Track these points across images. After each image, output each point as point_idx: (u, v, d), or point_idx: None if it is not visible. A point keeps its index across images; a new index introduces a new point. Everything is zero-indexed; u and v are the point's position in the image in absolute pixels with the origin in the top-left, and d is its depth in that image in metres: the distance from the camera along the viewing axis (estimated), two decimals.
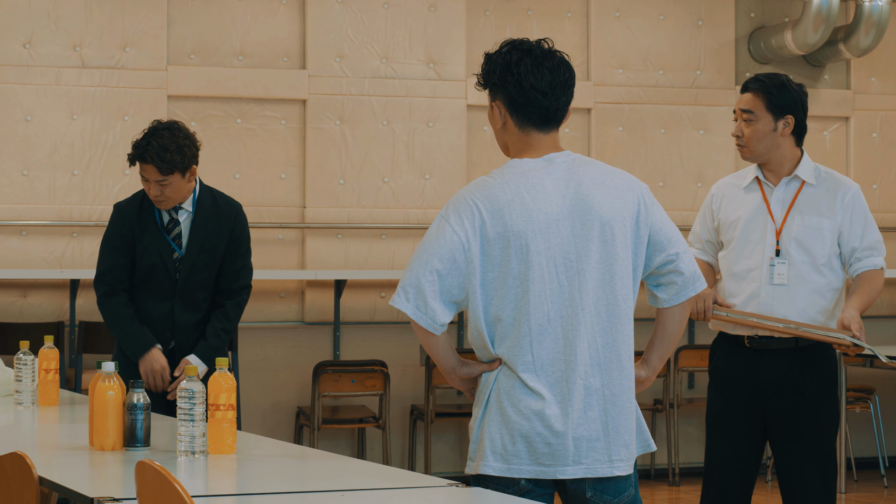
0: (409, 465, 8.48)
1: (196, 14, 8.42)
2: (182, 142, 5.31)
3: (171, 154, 5.27)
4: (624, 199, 3.57)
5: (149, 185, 5.34)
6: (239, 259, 5.54)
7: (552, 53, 3.59)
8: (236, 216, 5.52)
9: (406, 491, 3.40)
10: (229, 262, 5.51)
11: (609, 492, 3.56)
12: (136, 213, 5.47)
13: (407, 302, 3.52)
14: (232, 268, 5.52)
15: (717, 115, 9.25)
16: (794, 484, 4.91)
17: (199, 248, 5.45)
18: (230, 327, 5.52)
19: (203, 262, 5.46)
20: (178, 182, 5.33)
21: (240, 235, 5.53)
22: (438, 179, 8.72)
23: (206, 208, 5.46)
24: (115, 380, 4.00)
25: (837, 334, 4.80)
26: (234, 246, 5.52)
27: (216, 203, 5.49)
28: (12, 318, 8.06)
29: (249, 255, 5.60)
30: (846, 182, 4.96)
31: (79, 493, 3.29)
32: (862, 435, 9.26)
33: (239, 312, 5.56)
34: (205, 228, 5.45)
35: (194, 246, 5.44)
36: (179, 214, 5.44)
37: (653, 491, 8.55)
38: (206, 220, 5.45)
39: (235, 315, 5.54)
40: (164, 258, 5.43)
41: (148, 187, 5.35)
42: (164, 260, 5.43)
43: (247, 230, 5.58)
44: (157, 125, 5.36)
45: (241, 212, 5.56)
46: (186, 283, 5.45)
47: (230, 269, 5.52)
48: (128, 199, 5.57)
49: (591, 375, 3.53)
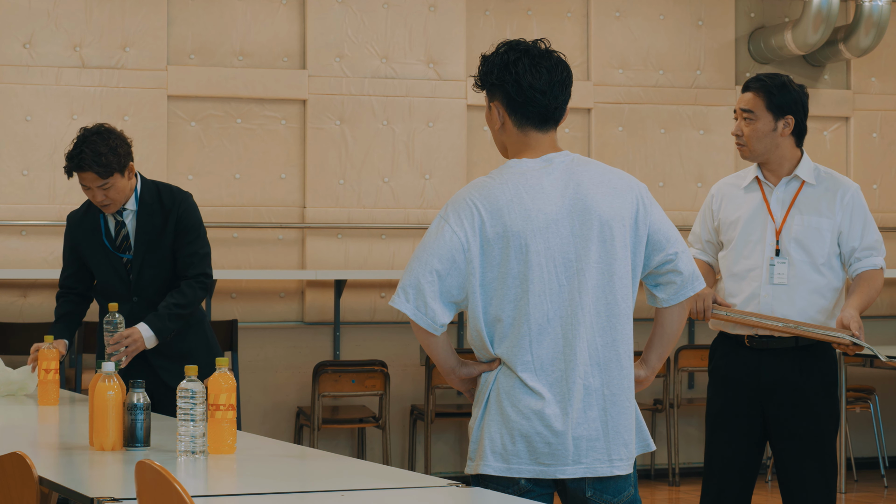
0: (409, 465, 8.49)
1: (196, 14, 8.42)
2: (113, 143, 5.31)
3: (106, 157, 5.27)
4: (623, 198, 3.58)
5: (92, 192, 5.33)
6: (187, 247, 5.46)
7: (549, 53, 3.59)
8: (180, 206, 5.46)
9: (406, 491, 3.41)
10: (179, 252, 5.45)
11: (609, 491, 3.57)
12: (80, 223, 5.50)
13: (407, 302, 3.52)
14: (183, 258, 5.46)
15: (717, 115, 9.25)
16: (794, 484, 4.92)
17: (146, 246, 5.42)
18: (184, 302, 5.39)
19: (154, 260, 5.43)
20: (120, 182, 5.33)
21: (186, 225, 5.45)
22: (438, 179, 8.72)
23: (149, 205, 5.44)
24: (115, 380, 4.00)
25: (837, 333, 4.81)
26: (181, 236, 5.46)
27: (160, 197, 5.46)
28: (12, 318, 8.06)
29: (201, 243, 5.49)
30: (846, 182, 4.97)
31: (79, 493, 3.29)
32: (862, 435, 9.27)
33: (195, 292, 5.42)
34: (150, 225, 5.43)
35: (142, 245, 5.42)
36: (125, 216, 5.43)
37: (653, 491, 8.55)
38: (151, 216, 5.43)
39: (191, 292, 5.41)
40: (112, 263, 5.43)
41: (92, 195, 5.34)
42: (114, 265, 5.43)
43: (194, 218, 5.49)
44: (85, 132, 5.34)
45: (187, 200, 5.49)
46: (140, 282, 5.42)
47: (181, 259, 5.46)
48: (77, 209, 5.59)
49: (591, 375, 3.53)
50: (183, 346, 5.46)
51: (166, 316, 5.35)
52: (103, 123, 5.41)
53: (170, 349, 5.43)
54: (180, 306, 5.38)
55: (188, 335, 5.50)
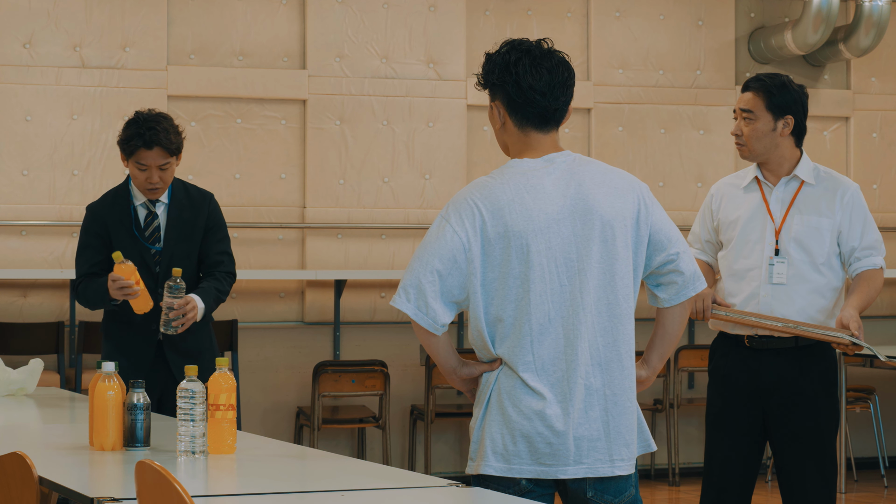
0: (409, 465, 8.49)
1: (196, 14, 8.42)
2: (175, 124, 5.42)
3: (176, 136, 5.36)
4: (624, 198, 3.58)
5: (148, 172, 5.33)
6: (217, 245, 5.50)
7: (551, 53, 3.59)
8: (209, 204, 5.51)
9: (406, 491, 3.41)
10: (208, 250, 5.48)
11: (610, 492, 3.56)
12: (109, 211, 5.47)
13: (408, 302, 3.52)
14: (212, 256, 5.49)
15: (717, 115, 9.25)
16: (794, 484, 4.91)
17: (177, 238, 5.43)
18: (225, 290, 5.45)
19: (183, 252, 5.43)
20: (174, 166, 5.39)
21: (216, 222, 5.51)
22: (438, 179, 8.72)
23: (180, 199, 5.46)
24: (115, 380, 4.00)
25: (836, 333, 4.81)
26: (212, 233, 5.49)
27: (189, 193, 5.50)
28: (12, 318, 8.06)
29: (228, 243, 5.56)
30: (845, 181, 4.97)
31: (79, 493, 3.29)
32: (862, 435, 9.27)
33: (228, 284, 5.49)
34: (181, 219, 5.44)
35: (172, 237, 5.43)
36: (157, 207, 5.44)
37: (653, 491, 8.56)
38: (182, 210, 5.45)
39: (228, 285, 5.48)
40: (142, 254, 5.41)
41: (147, 176, 5.33)
42: (143, 256, 5.41)
43: (222, 218, 5.56)
44: (150, 113, 5.38)
45: (214, 200, 5.56)
46: (168, 274, 5.40)
47: (212, 256, 5.48)
48: (100, 199, 5.56)
49: (592, 375, 3.53)
50: (194, 343, 5.44)
51: (212, 296, 5.39)
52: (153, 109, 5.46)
53: (183, 344, 5.41)
54: (221, 292, 5.45)
55: (200, 332, 5.48)
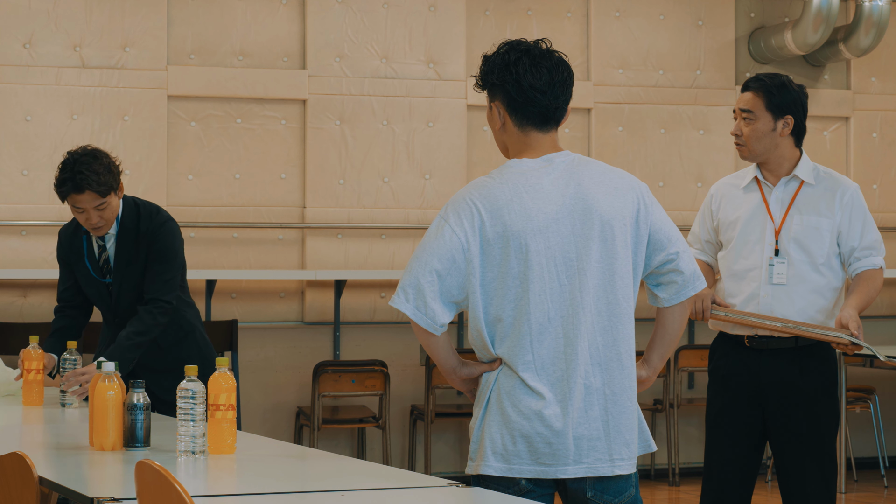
0: (409, 465, 8.49)
1: (196, 14, 8.42)
2: (107, 161, 5.25)
3: (104, 176, 5.20)
4: (624, 198, 3.58)
5: (87, 214, 5.24)
6: (151, 270, 5.35)
7: (550, 53, 3.59)
8: (156, 230, 5.36)
9: (406, 491, 3.41)
10: (146, 273, 5.36)
11: (610, 491, 3.56)
12: (69, 243, 5.47)
13: (407, 302, 3.52)
14: (146, 281, 5.36)
15: (717, 115, 9.25)
16: (794, 484, 4.91)
17: (125, 267, 5.36)
18: (143, 329, 5.25)
19: (132, 282, 5.36)
20: (114, 202, 5.27)
21: (155, 248, 5.35)
22: (438, 179, 8.72)
23: (129, 229, 5.36)
24: (115, 380, 4.00)
25: (836, 333, 4.81)
26: (151, 259, 5.35)
27: (139, 218, 5.38)
28: (12, 318, 8.06)
29: (167, 268, 5.36)
30: (845, 181, 4.97)
31: (79, 493, 3.29)
32: (862, 435, 9.27)
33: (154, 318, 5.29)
34: (127, 248, 5.36)
35: (120, 269, 5.37)
36: (106, 240, 5.39)
37: (653, 491, 8.56)
38: (128, 241, 5.37)
39: (150, 319, 5.27)
40: (95, 286, 5.41)
41: (86, 217, 5.25)
42: (97, 287, 5.42)
43: (166, 242, 5.37)
44: (75, 154, 5.25)
45: (165, 225, 5.38)
46: (120, 303, 5.39)
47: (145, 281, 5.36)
48: (66, 224, 5.54)
49: (592, 375, 3.53)
50: (173, 358, 5.37)
51: (126, 347, 5.22)
52: (88, 145, 5.34)
53: (159, 363, 5.37)
54: (139, 334, 5.25)
55: (179, 347, 5.44)
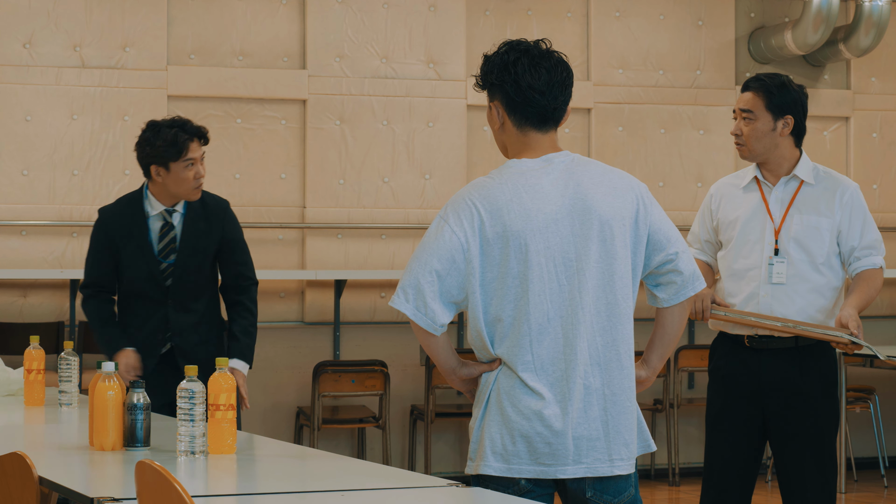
0: (409, 465, 8.49)
1: (196, 14, 8.42)
2: None
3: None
4: (623, 198, 3.58)
5: (196, 167, 5.26)
6: (236, 255, 5.46)
7: (550, 53, 3.59)
8: (225, 215, 5.43)
9: (406, 491, 3.41)
10: (228, 261, 5.45)
11: (609, 491, 3.56)
12: (119, 222, 5.37)
13: (406, 303, 3.53)
14: (233, 266, 5.46)
15: (717, 115, 9.25)
16: (794, 484, 4.91)
17: (190, 251, 5.35)
18: (255, 321, 5.51)
19: (194, 265, 5.36)
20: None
21: (233, 235, 5.45)
22: (438, 179, 8.72)
23: (195, 209, 5.37)
24: (115, 380, 4.00)
25: (836, 332, 4.81)
26: (230, 246, 5.44)
27: (204, 202, 5.40)
28: (12, 318, 8.06)
29: (246, 252, 5.52)
30: (845, 181, 4.97)
31: (79, 493, 3.29)
32: (862, 435, 9.27)
33: (256, 306, 5.53)
34: (195, 230, 5.36)
35: (185, 250, 5.35)
36: (174, 218, 5.36)
37: (653, 491, 8.56)
38: (197, 221, 5.37)
39: (255, 308, 5.52)
40: (150, 267, 5.33)
41: (196, 170, 5.27)
42: (151, 269, 5.33)
43: (238, 227, 5.50)
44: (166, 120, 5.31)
45: (229, 209, 5.48)
46: (178, 287, 5.35)
47: (231, 268, 5.46)
48: (113, 204, 5.47)
49: (591, 375, 3.53)
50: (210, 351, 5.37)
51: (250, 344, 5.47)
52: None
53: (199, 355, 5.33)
54: (254, 325, 5.51)
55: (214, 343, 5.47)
